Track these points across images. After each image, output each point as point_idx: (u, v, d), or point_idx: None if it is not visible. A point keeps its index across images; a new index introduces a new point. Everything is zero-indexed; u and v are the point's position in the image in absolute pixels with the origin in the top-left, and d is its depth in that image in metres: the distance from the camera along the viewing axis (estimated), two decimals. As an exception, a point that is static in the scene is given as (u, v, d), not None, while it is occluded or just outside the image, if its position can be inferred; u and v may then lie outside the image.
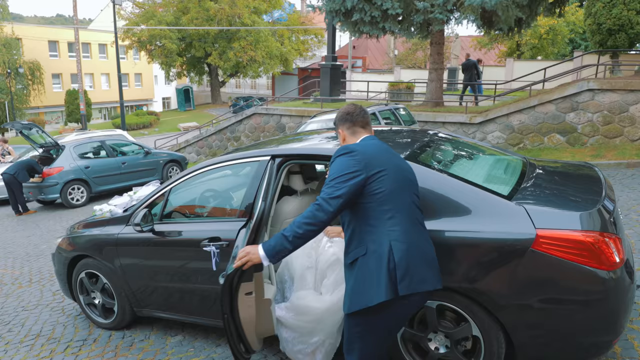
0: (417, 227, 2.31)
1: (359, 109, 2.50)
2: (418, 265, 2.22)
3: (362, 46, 38.45)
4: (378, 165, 2.24)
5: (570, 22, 24.84)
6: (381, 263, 2.16)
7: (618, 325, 2.55)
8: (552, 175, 3.33)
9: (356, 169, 2.19)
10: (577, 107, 10.30)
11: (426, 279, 2.23)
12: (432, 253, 2.33)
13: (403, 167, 2.39)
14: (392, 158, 2.37)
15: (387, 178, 2.23)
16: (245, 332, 2.62)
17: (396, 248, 2.17)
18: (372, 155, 2.27)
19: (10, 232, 8.98)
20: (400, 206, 2.24)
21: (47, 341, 4.21)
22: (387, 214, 2.21)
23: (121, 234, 3.92)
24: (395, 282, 2.13)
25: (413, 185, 2.40)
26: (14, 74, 34.78)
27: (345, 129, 2.47)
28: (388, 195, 2.21)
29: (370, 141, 2.39)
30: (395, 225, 2.21)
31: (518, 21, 11.47)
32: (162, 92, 53.64)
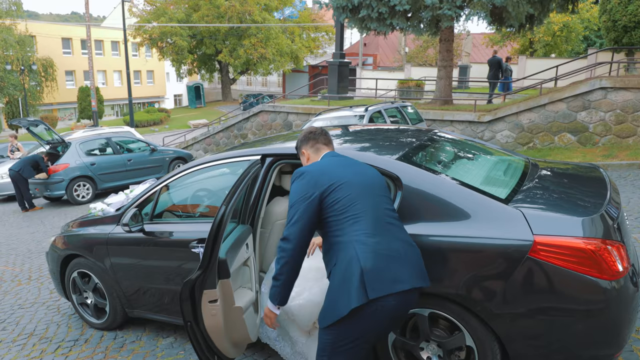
0: (386, 227, 2.25)
1: (320, 129, 2.60)
2: (389, 265, 2.14)
3: (373, 43, 38.21)
4: (329, 179, 2.27)
5: (585, 19, 24.38)
6: (349, 269, 2.13)
7: (621, 337, 2.41)
8: (555, 177, 3.18)
9: (307, 190, 2.25)
10: (589, 105, 10.05)
11: (400, 279, 2.14)
12: (408, 252, 2.24)
13: (362, 173, 2.39)
14: (348, 168, 2.37)
15: (342, 188, 2.24)
16: (213, 340, 2.52)
17: (361, 251, 2.13)
18: (323, 171, 2.31)
19: (15, 228, 9.01)
20: (362, 211, 2.22)
21: (39, 341, 4.17)
22: (348, 220, 2.20)
23: (112, 234, 3.85)
24: (365, 286, 2.07)
25: (377, 188, 2.37)
26: (27, 70, 35.12)
27: (309, 147, 2.54)
28: (346, 203, 2.22)
29: (326, 158, 2.44)
30: (359, 229, 2.18)
31: (529, 18, 11.24)
32: (174, 89, 53.89)
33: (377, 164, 2.83)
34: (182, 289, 2.40)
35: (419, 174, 2.73)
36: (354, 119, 8.51)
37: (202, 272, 2.40)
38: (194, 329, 2.46)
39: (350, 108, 9.34)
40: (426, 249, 2.52)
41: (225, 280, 2.44)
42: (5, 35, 34.01)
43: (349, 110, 9.04)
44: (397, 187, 2.73)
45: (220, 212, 2.43)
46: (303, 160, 2.59)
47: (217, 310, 2.44)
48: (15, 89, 35.09)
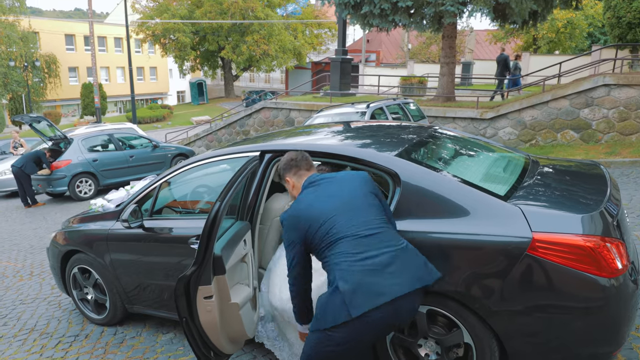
0: (367, 240, 2.24)
1: (301, 154, 2.61)
2: (370, 280, 2.15)
3: (376, 40, 38.11)
4: (306, 218, 2.32)
5: (589, 16, 24.25)
6: (332, 290, 2.20)
7: (620, 335, 2.40)
8: (555, 174, 3.16)
9: (290, 236, 2.36)
10: (592, 102, 10.00)
11: (382, 292, 2.13)
12: (396, 258, 2.22)
13: (340, 192, 2.39)
14: (324, 193, 2.39)
15: (317, 221, 2.29)
16: (209, 336, 2.52)
17: (339, 275, 2.18)
18: (300, 211, 2.36)
19: (17, 224, 9.04)
20: (339, 234, 2.25)
21: (40, 336, 4.18)
22: (328, 247, 2.26)
23: (112, 230, 3.86)
24: (347, 305, 2.12)
25: (359, 200, 2.37)
26: (30, 67, 35.21)
27: (292, 175, 2.58)
28: (323, 233, 2.27)
29: (305, 192, 2.46)
30: (336, 253, 2.23)
31: (533, 14, 11.18)
32: (177, 86, 53.92)
33: (376, 161, 2.83)
34: (176, 285, 2.40)
35: (417, 171, 2.72)
36: (355, 116, 8.50)
37: (196, 268, 2.40)
38: (190, 324, 2.46)
39: (352, 105, 9.33)
40: (425, 246, 2.51)
41: (221, 277, 2.44)
42: (8, 32, 34.09)
43: (351, 107, 9.03)
44: (396, 183, 2.72)
45: (215, 208, 2.43)
46: (288, 187, 2.63)
47: (212, 307, 2.44)
48: (18, 86, 35.19)
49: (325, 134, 3.64)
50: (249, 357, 3.43)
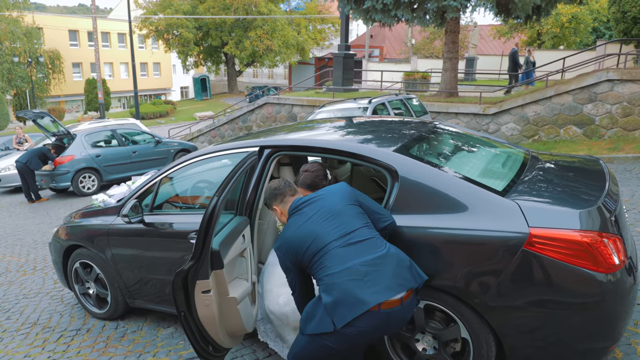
0: (348, 251, 2.28)
1: (283, 182, 2.69)
2: (352, 290, 2.18)
3: (379, 35, 37.98)
4: (295, 244, 2.39)
5: (594, 10, 24.08)
6: (317, 301, 2.28)
7: (616, 331, 2.41)
8: (554, 170, 3.16)
9: (284, 264, 2.45)
10: (596, 98, 9.96)
11: (364, 300, 2.15)
12: (379, 265, 2.24)
13: (322, 208, 2.45)
14: (307, 213, 2.45)
15: (303, 244, 2.36)
16: (207, 330, 2.54)
17: (323, 288, 2.25)
18: (290, 238, 2.42)
19: (21, 219, 9.09)
20: (323, 247, 2.31)
21: (42, 330, 4.22)
22: (314, 265, 2.32)
23: (112, 225, 3.88)
24: (331, 317, 2.18)
25: (342, 213, 2.42)
26: (34, 62, 35.28)
27: (279, 203, 2.63)
28: (309, 255, 2.34)
29: (290, 219, 2.52)
30: (321, 268, 2.29)
31: (536, 9, 11.12)
32: (180, 82, 53.95)
33: (375, 156, 2.83)
34: (174, 279, 2.42)
35: (415, 166, 2.73)
36: (357, 111, 8.50)
37: (194, 262, 2.41)
38: (188, 319, 2.48)
39: (354, 100, 9.33)
40: (422, 241, 2.52)
41: (219, 271, 2.46)
42: (12, 28, 34.15)
43: (353, 103, 9.02)
44: (394, 178, 2.73)
45: (212, 202, 2.44)
46: (276, 215, 2.69)
47: (210, 301, 2.46)
48: (22, 81, 35.29)
49: (326, 130, 3.65)
50: (248, 351, 3.45)
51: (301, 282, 2.48)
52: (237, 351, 3.45)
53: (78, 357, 3.69)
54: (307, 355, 2.34)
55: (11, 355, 3.82)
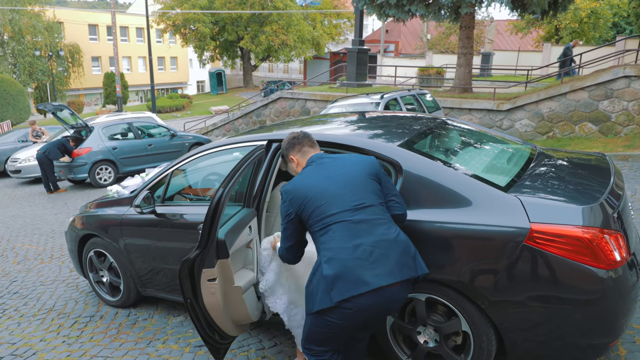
0: (359, 228, 2.23)
1: (302, 133, 2.63)
2: (354, 268, 2.16)
3: (395, 30, 37.74)
4: (303, 194, 2.33)
5: (614, 5, 23.60)
6: (317, 275, 2.24)
7: (617, 327, 2.42)
8: (559, 166, 3.17)
9: (287, 209, 2.37)
10: (612, 94, 9.81)
11: (365, 281, 2.13)
12: (386, 248, 2.20)
13: (341, 175, 2.37)
14: (326, 174, 2.38)
15: (314, 201, 2.29)
16: (213, 318, 2.61)
17: (325, 260, 2.21)
18: (299, 187, 2.37)
19: (40, 209, 9.31)
20: (332, 220, 2.26)
21: (58, 316, 4.36)
22: (320, 231, 2.27)
23: (125, 215, 3.98)
24: (329, 291, 2.16)
25: (358, 186, 2.34)
26: (55, 56, 35.87)
27: (296, 152, 2.58)
28: (317, 215, 2.28)
29: (308, 167, 2.47)
30: (327, 239, 2.24)
31: (553, 3, 10.97)
32: (197, 76, 54.31)
33: (379, 150, 2.87)
34: (181, 267, 2.50)
35: (419, 161, 2.76)
36: (370, 106, 8.52)
37: (200, 251, 2.49)
38: (194, 306, 2.56)
39: (366, 95, 9.34)
40: (424, 235, 2.56)
41: (224, 260, 2.53)
42: (34, 22, 34.75)
43: (366, 98, 9.04)
44: (398, 173, 2.76)
45: (218, 193, 2.51)
46: (293, 166, 2.62)
47: (215, 289, 2.53)
48: (43, 75, 35.93)
49: (337, 124, 3.69)
50: (255, 340, 3.53)
51: (299, 232, 2.41)
52: (243, 340, 3.54)
53: (91, 342, 3.81)
54: (315, 334, 2.32)
55: (28, 339, 3.96)
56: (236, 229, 2.73)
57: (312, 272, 2.29)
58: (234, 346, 3.45)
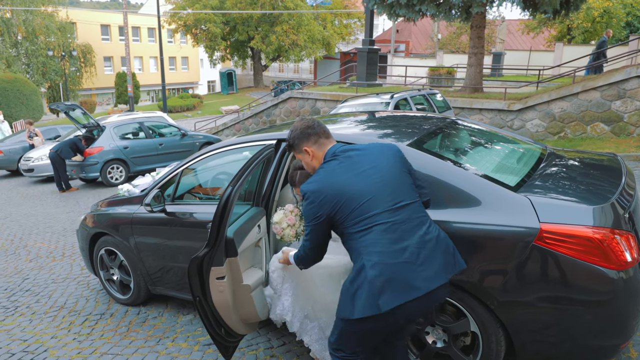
0: (401, 228, 2.10)
1: (316, 122, 2.37)
2: (402, 273, 2.04)
3: (405, 30, 37.62)
4: (335, 196, 2.13)
5: (628, 4, 23.30)
6: (359, 279, 2.07)
7: (628, 328, 2.40)
8: (569, 166, 3.14)
9: (315, 211, 2.16)
10: (624, 94, 9.70)
11: (416, 285, 2.03)
12: (429, 248, 2.10)
13: (372, 170, 2.19)
14: (356, 170, 2.19)
15: (350, 202, 2.11)
16: (222, 316, 2.63)
17: (370, 265, 2.04)
18: (332, 184, 2.16)
19: (52, 208, 9.42)
20: (376, 215, 2.10)
21: (69, 313, 4.41)
22: (358, 232, 2.10)
23: (136, 214, 4.02)
24: (376, 299, 2.01)
25: (393, 181, 2.19)
26: (67, 56, 36.28)
27: (312, 144, 2.32)
28: (355, 217, 2.10)
29: (332, 162, 2.25)
30: (369, 241, 2.08)
31: (565, 3, 10.86)
32: (208, 76, 54.59)
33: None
34: (189, 265, 2.52)
35: (428, 161, 2.75)
36: (379, 106, 8.51)
37: (209, 249, 2.50)
38: (203, 304, 2.58)
39: (376, 95, 9.32)
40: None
41: (233, 259, 2.54)
42: (47, 22, 35.20)
43: (376, 97, 9.03)
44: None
45: (227, 192, 2.52)
46: (306, 159, 2.37)
47: (224, 287, 2.54)
48: (56, 74, 36.37)
49: (347, 124, 3.69)
50: (263, 339, 3.54)
51: (326, 234, 2.22)
52: (252, 339, 3.55)
53: (101, 339, 3.84)
54: (350, 339, 2.22)
55: (39, 336, 4.01)
56: (245, 228, 2.75)
57: (353, 277, 2.11)
58: (242, 345, 3.47)
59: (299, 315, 2.83)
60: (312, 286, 2.77)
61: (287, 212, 2.86)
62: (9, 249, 6.68)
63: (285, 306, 2.82)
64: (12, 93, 26.30)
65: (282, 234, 2.86)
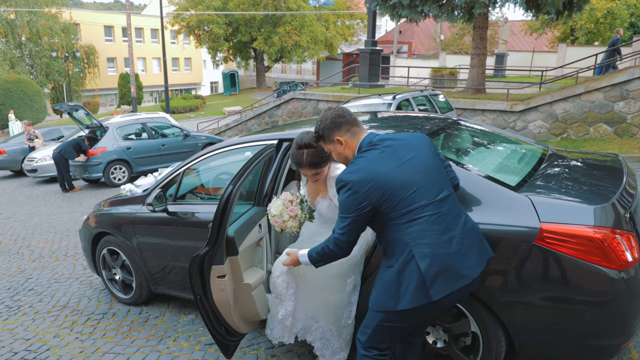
0: (445, 220, 2.11)
1: (346, 110, 2.32)
2: (450, 263, 2.07)
3: (408, 31, 37.63)
4: (386, 183, 2.08)
5: (631, 5, 23.25)
6: (407, 271, 2.07)
7: (629, 328, 2.40)
8: (571, 166, 3.14)
9: (361, 203, 2.08)
10: (627, 95, 9.67)
11: (462, 274, 2.09)
12: (468, 238, 2.15)
13: (414, 160, 2.16)
14: (398, 159, 2.15)
15: (399, 189, 2.08)
16: (222, 315, 2.63)
17: (420, 255, 2.05)
18: (378, 174, 2.10)
19: (55, 208, 9.46)
20: (423, 206, 2.09)
21: (72, 313, 4.42)
22: (406, 223, 2.08)
23: (138, 213, 4.03)
24: (427, 289, 2.03)
25: (433, 169, 2.18)
26: (71, 57, 36.40)
27: (344, 132, 2.25)
28: (403, 207, 2.08)
29: (372, 152, 2.18)
30: (417, 232, 2.07)
31: (568, 4, 10.85)
32: (211, 77, 54.66)
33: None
34: (190, 264, 2.53)
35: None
36: (382, 107, 8.51)
37: (210, 248, 2.51)
38: (204, 302, 2.59)
39: (379, 96, 9.33)
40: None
41: (234, 257, 2.55)
42: (51, 24, 35.30)
43: (378, 98, 9.03)
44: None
45: (227, 191, 2.53)
46: (338, 149, 2.30)
47: (225, 286, 2.55)
48: (60, 75, 36.47)
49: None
50: (264, 339, 3.54)
51: (364, 227, 2.17)
52: (253, 339, 3.56)
53: (103, 339, 3.86)
54: (387, 333, 2.21)
55: (42, 335, 4.02)
56: (246, 227, 2.75)
57: (399, 269, 2.10)
58: (243, 344, 3.47)
59: (302, 318, 2.81)
60: (317, 288, 2.76)
61: (285, 202, 2.75)
62: (13, 248, 6.71)
63: (288, 311, 2.79)
64: (16, 94, 26.41)
65: (284, 226, 2.73)
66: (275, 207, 2.73)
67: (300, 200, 2.78)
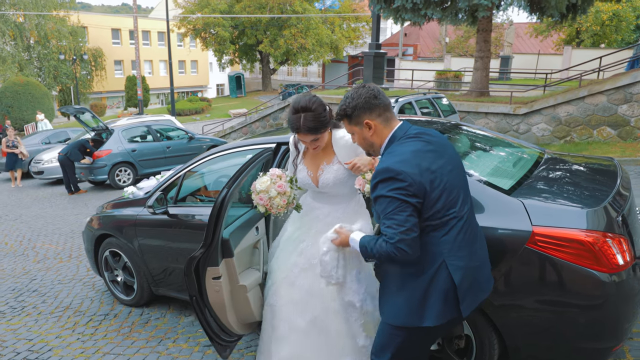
0: (473, 232, 2.04)
1: (380, 90, 2.04)
2: (477, 276, 2.03)
3: (414, 34, 37.63)
4: (429, 178, 1.86)
5: (637, 7, 23.14)
6: (438, 282, 1.92)
7: (620, 331, 2.41)
8: (565, 170, 3.16)
9: (411, 195, 1.83)
10: (631, 98, 9.64)
11: (483, 287, 2.07)
12: (484, 250, 2.12)
13: (452, 163, 1.98)
14: (441, 157, 1.95)
15: (441, 188, 1.88)
16: (218, 316, 2.67)
17: (453, 267, 1.91)
18: (425, 169, 1.87)
19: (60, 210, 9.56)
20: (456, 220, 1.93)
21: (74, 314, 4.48)
22: (441, 228, 1.91)
23: (139, 216, 4.08)
24: (459, 303, 1.93)
25: (464, 178, 2.05)
26: (79, 60, 36.72)
27: (375, 117, 1.99)
28: (442, 210, 1.89)
29: (416, 143, 1.94)
30: (451, 240, 1.92)
31: (572, 6, 10.83)
32: (217, 79, 54.87)
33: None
34: (186, 265, 2.57)
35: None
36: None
37: (205, 250, 2.56)
38: (200, 303, 2.63)
39: (381, 99, 9.33)
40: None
41: (229, 259, 2.59)
42: (59, 27, 35.64)
43: (380, 101, 9.04)
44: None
45: (222, 194, 2.57)
46: (364, 133, 2.04)
47: (220, 287, 2.59)
48: (67, 78, 36.80)
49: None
50: (263, 340, 3.59)
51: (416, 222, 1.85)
52: (251, 340, 3.59)
53: (104, 339, 3.91)
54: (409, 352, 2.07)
55: (44, 336, 4.08)
56: (242, 229, 2.79)
57: (428, 280, 1.92)
58: (242, 346, 3.51)
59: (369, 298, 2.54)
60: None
61: (273, 177, 2.46)
62: (18, 250, 6.80)
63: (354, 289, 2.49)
64: (24, 96, 26.70)
65: (270, 204, 2.44)
66: (261, 183, 2.45)
67: (290, 180, 2.52)
